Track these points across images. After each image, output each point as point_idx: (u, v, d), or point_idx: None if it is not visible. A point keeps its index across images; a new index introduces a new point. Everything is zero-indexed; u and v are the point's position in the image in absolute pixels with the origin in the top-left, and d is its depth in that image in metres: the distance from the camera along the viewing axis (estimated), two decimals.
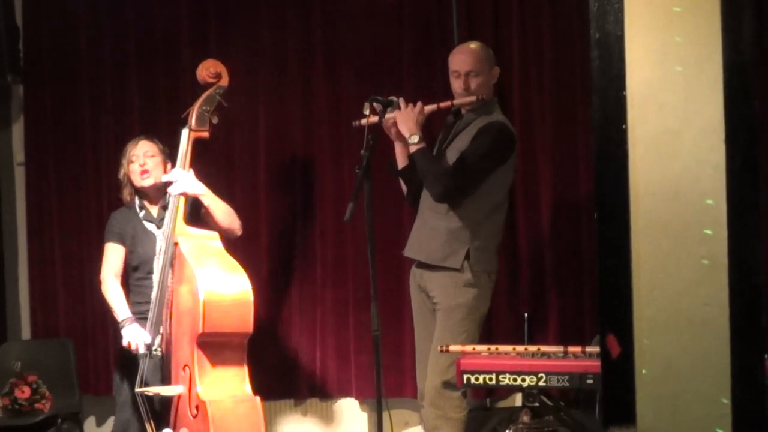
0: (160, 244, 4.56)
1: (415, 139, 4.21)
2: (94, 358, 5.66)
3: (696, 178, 2.37)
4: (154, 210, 4.70)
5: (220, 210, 4.61)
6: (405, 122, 4.21)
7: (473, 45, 4.40)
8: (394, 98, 4.21)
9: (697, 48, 2.37)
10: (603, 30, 2.43)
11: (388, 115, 4.21)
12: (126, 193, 4.71)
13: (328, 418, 5.52)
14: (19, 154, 5.88)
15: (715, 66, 2.35)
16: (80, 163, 5.73)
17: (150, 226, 4.67)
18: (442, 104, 4.29)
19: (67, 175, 5.77)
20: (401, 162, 4.45)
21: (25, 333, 5.84)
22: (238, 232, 4.68)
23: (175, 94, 5.47)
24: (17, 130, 5.90)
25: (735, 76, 2.33)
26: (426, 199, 4.37)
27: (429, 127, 4.51)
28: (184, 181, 4.54)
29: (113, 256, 4.68)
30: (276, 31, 5.48)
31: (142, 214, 4.68)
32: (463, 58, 4.34)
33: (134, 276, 4.67)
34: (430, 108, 4.27)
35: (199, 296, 4.26)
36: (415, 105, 4.23)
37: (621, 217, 2.42)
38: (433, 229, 4.32)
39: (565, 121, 5.08)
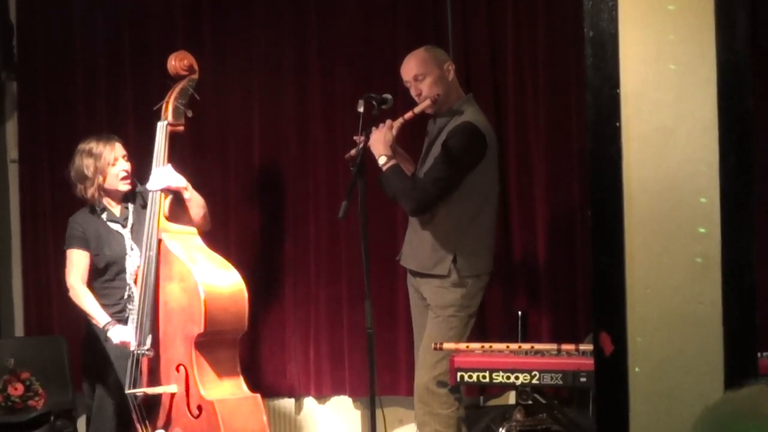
0: (130, 243, 4.50)
1: (383, 160, 4.23)
2: None
3: (690, 175, 2.37)
4: (116, 210, 4.60)
5: (199, 204, 4.53)
6: (374, 145, 4.22)
7: (415, 51, 4.39)
8: (388, 96, 4.20)
9: (691, 46, 2.37)
10: (597, 28, 2.43)
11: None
12: (92, 191, 4.53)
13: (321, 415, 5.51)
14: (12, 151, 5.86)
15: (709, 64, 2.35)
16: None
17: (115, 226, 4.56)
18: (406, 116, 4.28)
19: (61, 172, 5.67)
20: None
21: (19, 330, 5.82)
22: (209, 226, 4.58)
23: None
24: (11, 127, 5.88)
25: (728, 74, 2.33)
26: None
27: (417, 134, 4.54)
28: (167, 175, 4.44)
29: (78, 262, 4.54)
30: (270, 29, 5.47)
31: (104, 215, 4.57)
32: (406, 66, 4.35)
33: (101, 279, 4.55)
34: (397, 123, 4.26)
35: (200, 294, 4.21)
36: (384, 123, 4.22)
37: (615, 215, 2.42)
38: (421, 238, 4.33)
39: (560, 120, 5.08)
